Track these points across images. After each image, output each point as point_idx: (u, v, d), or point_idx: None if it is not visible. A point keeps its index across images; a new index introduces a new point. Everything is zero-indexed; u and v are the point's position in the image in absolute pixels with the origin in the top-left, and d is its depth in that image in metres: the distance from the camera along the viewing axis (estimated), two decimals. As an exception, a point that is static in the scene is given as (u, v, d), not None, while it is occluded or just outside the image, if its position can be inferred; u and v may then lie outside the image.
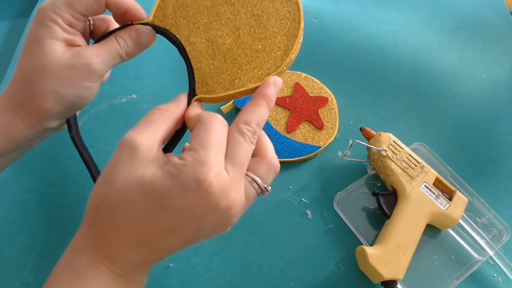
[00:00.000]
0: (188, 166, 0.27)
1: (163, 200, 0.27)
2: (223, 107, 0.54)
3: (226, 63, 0.33)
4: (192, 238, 0.28)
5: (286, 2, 0.33)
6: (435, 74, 0.61)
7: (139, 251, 0.28)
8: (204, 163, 0.27)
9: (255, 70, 0.32)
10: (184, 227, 0.27)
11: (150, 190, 0.27)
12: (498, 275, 0.46)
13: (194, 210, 0.27)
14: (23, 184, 0.48)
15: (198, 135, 0.28)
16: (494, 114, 0.58)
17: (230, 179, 0.28)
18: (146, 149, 0.28)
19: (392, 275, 0.41)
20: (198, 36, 0.33)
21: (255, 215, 0.48)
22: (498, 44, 0.65)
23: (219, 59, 0.33)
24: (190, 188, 0.26)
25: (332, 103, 0.55)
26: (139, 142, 0.27)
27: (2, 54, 0.61)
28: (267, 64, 0.32)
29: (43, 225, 0.46)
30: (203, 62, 0.33)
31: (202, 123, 0.29)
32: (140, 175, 0.27)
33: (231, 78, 0.33)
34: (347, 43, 0.63)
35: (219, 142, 0.28)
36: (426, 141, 0.53)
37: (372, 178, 0.50)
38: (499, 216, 0.48)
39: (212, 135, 0.28)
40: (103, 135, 0.52)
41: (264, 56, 0.32)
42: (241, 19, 0.33)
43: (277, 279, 0.44)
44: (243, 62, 0.32)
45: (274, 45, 0.32)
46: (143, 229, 0.27)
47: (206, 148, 0.27)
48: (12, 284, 0.42)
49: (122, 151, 0.28)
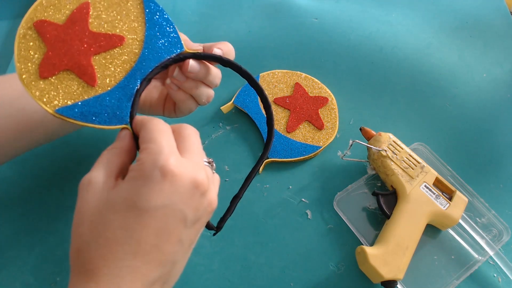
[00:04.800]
0: (145, 161, 0.27)
1: (139, 205, 0.26)
2: (223, 107, 0.54)
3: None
4: (184, 235, 0.28)
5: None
6: (435, 74, 0.61)
7: (141, 270, 0.26)
8: (160, 152, 0.27)
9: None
10: (171, 224, 0.27)
11: (121, 203, 0.26)
12: (498, 275, 0.46)
13: (172, 199, 0.27)
14: (23, 184, 0.48)
15: (145, 136, 0.29)
16: (494, 114, 0.58)
17: (191, 162, 0.29)
18: (104, 179, 0.28)
19: (392, 275, 0.41)
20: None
21: (255, 215, 0.48)
22: (498, 44, 0.65)
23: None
24: (157, 179, 0.26)
25: (332, 103, 0.55)
26: (95, 177, 0.28)
27: (2, 54, 0.61)
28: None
29: (43, 225, 0.46)
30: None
31: (143, 124, 0.30)
32: (106, 197, 0.27)
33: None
34: (347, 43, 0.63)
35: (166, 134, 0.29)
36: (426, 141, 0.53)
37: (372, 178, 0.50)
38: (499, 216, 0.48)
39: (156, 129, 0.29)
40: (103, 135, 0.52)
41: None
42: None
43: (277, 279, 0.44)
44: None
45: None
46: (134, 245, 0.26)
47: (156, 140, 0.28)
48: (12, 284, 0.42)
49: (82, 190, 0.28)
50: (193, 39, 0.38)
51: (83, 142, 0.51)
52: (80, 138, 0.51)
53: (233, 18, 0.64)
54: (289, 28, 0.64)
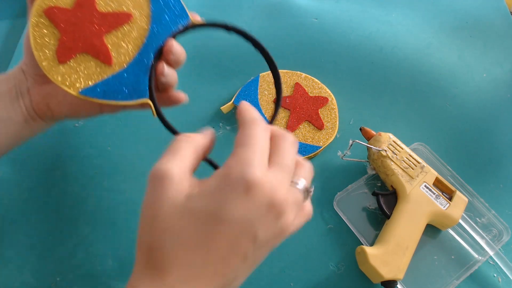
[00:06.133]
0: (233, 170, 0.26)
1: (219, 214, 0.25)
2: (223, 107, 0.54)
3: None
4: (250, 253, 0.27)
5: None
6: (435, 74, 0.61)
7: (205, 280, 0.26)
8: (250, 164, 0.26)
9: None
10: (242, 239, 0.26)
11: (202, 210, 0.26)
12: (498, 275, 0.46)
13: (248, 215, 0.26)
14: (23, 184, 0.48)
15: (242, 137, 0.28)
16: (494, 114, 0.58)
17: (279, 179, 0.27)
18: (180, 175, 0.27)
19: (392, 275, 0.41)
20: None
21: (255, 215, 0.48)
22: (498, 44, 0.65)
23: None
24: (241, 192, 0.25)
25: (332, 103, 0.55)
26: (171, 171, 0.27)
27: (2, 54, 0.61)
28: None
29: (43, 225, 0.46)
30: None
31: (245, 123, 0.29)
32: (184, 200, 0.26)
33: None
34: (347, 43, 0.63)
35: (262, 141, 0.28)
36: (426, 141, 0.53)
37: (372, 178, 0.50)
38: (499, 216, 0.48)
39: (255, 135, 0.28)
40: (103, 135, 0.52)
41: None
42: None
43: (277, 279, 0.44)
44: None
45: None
46: (205, 254, 0.26)
47: (250, 148, 0.27)
48: (12, 284, 0.42)
49: (157, 183, 0.27)
50: (193, 39, 0.38)
51: (83, 142, 0.51)
52: (80, 138, 0.51)
53: (233, 18, 0.64)
54: (289, 28, 0.64)
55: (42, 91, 0.37)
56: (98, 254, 0.45)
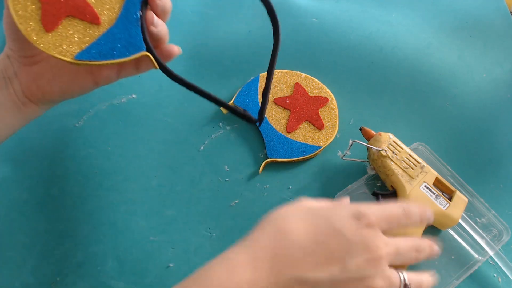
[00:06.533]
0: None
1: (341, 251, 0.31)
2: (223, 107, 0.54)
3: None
4: (332, 273, 0.31)
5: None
6: (435, 74, 0.61)
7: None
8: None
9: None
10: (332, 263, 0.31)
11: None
12: (498, 275, 0.46)
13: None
14: (23, 184, 0.48)
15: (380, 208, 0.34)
16: (494, 114, 0.58)
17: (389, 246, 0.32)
18: (311, 202, 0.35)
19: (392, 275, 0.41)
20: None
21: (255, 215, 0.48)
22: (498, 44, 0.65)
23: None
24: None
25: (332, 103, 0.55)
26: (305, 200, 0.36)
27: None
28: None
29: (43, 225, 0.46)
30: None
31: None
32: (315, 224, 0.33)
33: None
34: (347, 43, 0.63)
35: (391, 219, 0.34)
36: (426, 141, 0.53)
37: (372, 178, 0.50)
38: (499, 216, 0.48)
39: (388, 211, 0.34)
40: (103, 135, 0.52)
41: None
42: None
43: (277, 279, 0.44)
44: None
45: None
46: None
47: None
48: (12, 284, 0.42)
49: (293, 205, 0.35)
50: (193, 39, 0.38)
51: (83, 142, 0.51)
52: (80, 138, 0.51)
53: (233, 18, 0.64)
54: (289, 28, 0.64)
55: (30, 72, 0.37)
56: (98, 254, 0.45)
